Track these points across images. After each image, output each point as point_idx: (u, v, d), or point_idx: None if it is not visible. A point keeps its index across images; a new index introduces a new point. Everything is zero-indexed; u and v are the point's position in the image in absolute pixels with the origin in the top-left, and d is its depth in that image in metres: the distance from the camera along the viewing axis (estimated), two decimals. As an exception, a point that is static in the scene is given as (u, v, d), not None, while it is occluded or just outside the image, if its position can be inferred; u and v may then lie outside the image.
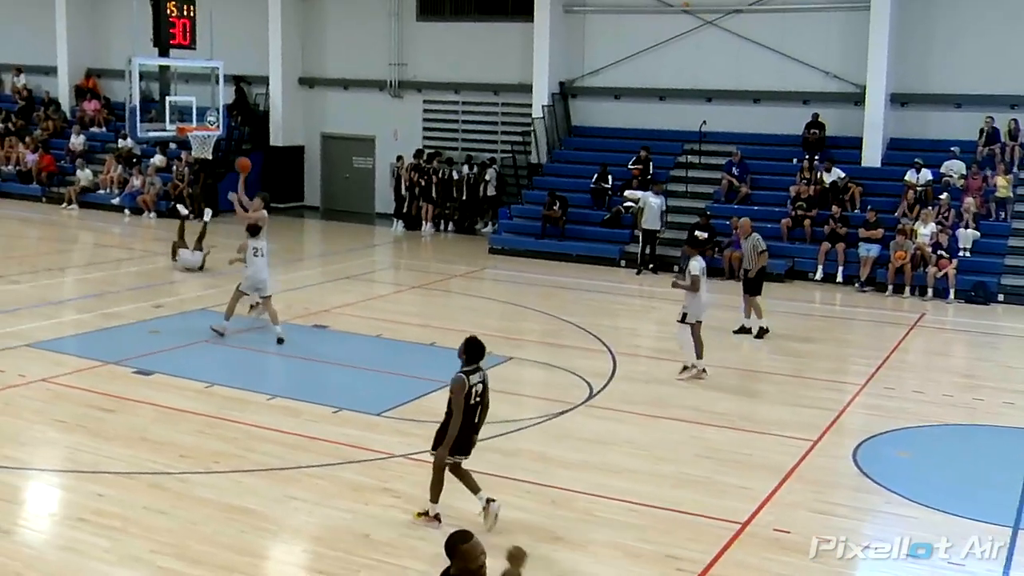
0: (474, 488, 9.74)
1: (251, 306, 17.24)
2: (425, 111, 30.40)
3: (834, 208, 22.84)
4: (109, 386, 13.63)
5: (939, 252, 21.27)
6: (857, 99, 24.71)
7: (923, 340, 18.30)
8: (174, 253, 21.78)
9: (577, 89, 28.15)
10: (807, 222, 23.15)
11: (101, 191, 30.66)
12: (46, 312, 17.75)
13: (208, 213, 22.25)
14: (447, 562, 6.08)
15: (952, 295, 20.90)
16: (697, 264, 15.06)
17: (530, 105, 27.80)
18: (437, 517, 9.66)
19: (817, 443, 12.27)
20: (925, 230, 21.71)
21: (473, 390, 9.64)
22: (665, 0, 26.72)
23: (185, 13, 21.23)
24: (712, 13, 26.31)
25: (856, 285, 21.95)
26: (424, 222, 28.51)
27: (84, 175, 30.72)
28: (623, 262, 23.92)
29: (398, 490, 10.45)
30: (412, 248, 26.97)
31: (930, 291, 21.12)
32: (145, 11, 21.02)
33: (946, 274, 20.97)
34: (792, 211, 23.44)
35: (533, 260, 24.34)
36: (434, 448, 9.68)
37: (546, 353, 16.26)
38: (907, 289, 21.33)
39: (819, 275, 22.54)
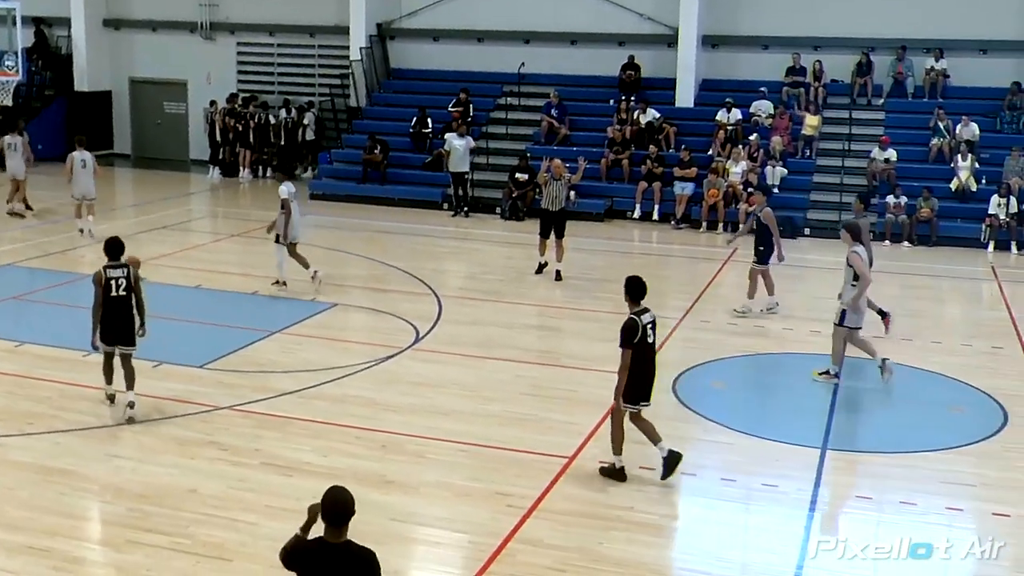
0: (109, 379, 11.14)
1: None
2: (239, 54, 29.56)
3: (650, 148, 23.39)
4: (-92, 348, 12.93)
5: (750, 189, 22.06)
6: (670, 41, 25.28)
7: (736, 275, 18.94)
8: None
9: (395, 31, 27.84)
10: (624, 162, 23.65)
11: None
12: None
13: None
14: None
15: (762, 230, 21.73)
16: (286, 188, 15.86)
17: (347, 47, 27.35)
18: (112, 398, 11.17)
19: (638, 377, 12.62)
20: (736, 168, 22.50)
21: (113, 283, 10.72)
22: (481, -60, 26.62)
23: (-25, -50, 20.01)
24: (528, -46, 26.37)
25: (672, 223, 22.60)
26: (241, 168, 27.84)
27: None
28: (445, 205, 23.95)
29: (224, 443, 10.30)
30: (229, 195, 26.33)
31: (742, 227, 21.88)
32: (-70, -53, 19.72)
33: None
34: (609, 152, 23.87)
35: (355, 205, 24.10)
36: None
37: (371, 298, 16.21)
38: (720, 226, 22.10)
39: (637, 214, 23.09)
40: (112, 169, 29.18)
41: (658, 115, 24.50)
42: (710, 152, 23.55)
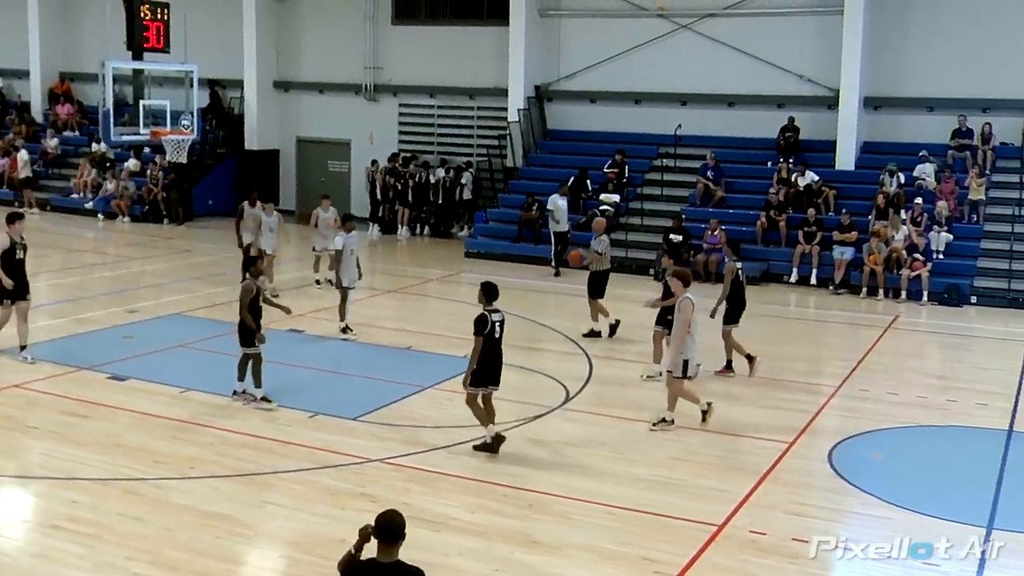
0: (258, 381, 13.09)
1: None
2: (401, 115, 30.36)
3: (809, 211, 22.96)
4: (83, 392, 13.55)
5: (914, 255, 21.41)
6: (831, 103, 24.86)
7: (897, 342, 18.41)
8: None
9: (552, 93, 28.19)
10: (782, 225, 23.27)
11: (74, 195, 30.49)
12: (19, 317, 17.59)
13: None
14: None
15: (925, 297, 21.05)
16: (340, 239, 17.31)
17: (506, 109, 27.82)
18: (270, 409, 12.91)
19: (792, 445, 12.33)
20: (899, 233, 21.86)
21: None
22: (640, 4, 26.80)
23: (159, 16, 21.10)
24: (687, 17, 26.41)
25: (830, 288, 22.07)
26: (400, 226, 28.47)
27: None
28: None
29: (375, 494, 10.42)
30: (388, 252, 26.91)
31: (904, 293, 21.26)
32: (118, 14, 20.89)
33: (919, 276, 21.12)
34: (765, 215, 23.53)
35: (509, 264, 24.32)
36: None
37: (522, 356, 16.23)
38: (881, 291, 21.47)
39: (794, 278, 22.65)
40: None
41: (817, 178, 24.08)
42: (871, 216, 22.95)
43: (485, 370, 11.62)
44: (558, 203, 23.66)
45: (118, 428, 12.29)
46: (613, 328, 17.34)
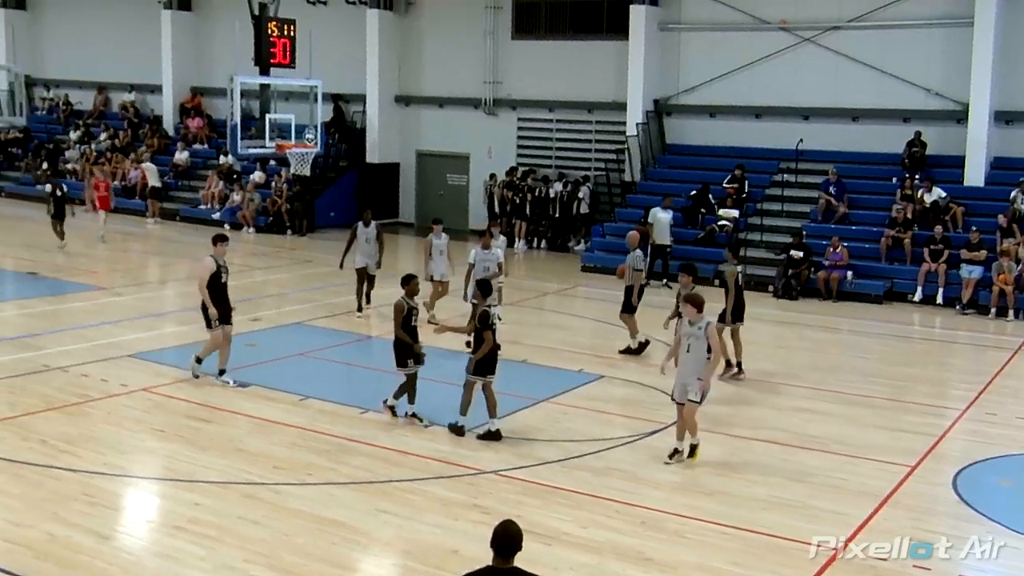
0: (412, 398, 13.18)
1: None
2: (519, 129, 30.52)
3: (936, 228, 22.31)
4: (207, 397, 13.92)
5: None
6: (960, 117, 24.16)
7: (1028, 365, 17.76)
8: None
9: (672, 107, 28.01)
10: (907, 242, 22.68)
11: (202, 206, 31.41)
12: (148, 324, 18.19)
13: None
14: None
15: (1059, 319, 20.29)
16: (472, 252, 17.14)
17: (624, 123, 27.75)
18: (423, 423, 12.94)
19: (915, 469, 11.98)
20: (1031, 252, 21.10)
21: (412, 314, 13.09)
22: (761, 17, 26.48)
23: (285, 33, 21.62)
24: (810, 30, 25.98)
25: (957, 307, 21.40)
26: (517, 239, 28.60)
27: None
28: (716, 281, 23.62)
29: (487, 506, 10.46)
30: (505, 265, 27.00)
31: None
32: (247, 31, 21.48)
33: (1052, 297, 20.36)
34: (890, 231, 22.95)
35: (625, 279, 24.19)
36: None
37: (637, 372, 16.14)
38: (1011, 312, 20.73)
39: (918, 297, 22.02)
40: (396, 236, 30.68)
41: (944, 194, 23.39)
42: (1000, 235, 22.16)
43: (490, 359, 12.49)
44: (658, 216, 23.59)
45: (239, 433, 12.59)
46: (636, 348, 17.03)
